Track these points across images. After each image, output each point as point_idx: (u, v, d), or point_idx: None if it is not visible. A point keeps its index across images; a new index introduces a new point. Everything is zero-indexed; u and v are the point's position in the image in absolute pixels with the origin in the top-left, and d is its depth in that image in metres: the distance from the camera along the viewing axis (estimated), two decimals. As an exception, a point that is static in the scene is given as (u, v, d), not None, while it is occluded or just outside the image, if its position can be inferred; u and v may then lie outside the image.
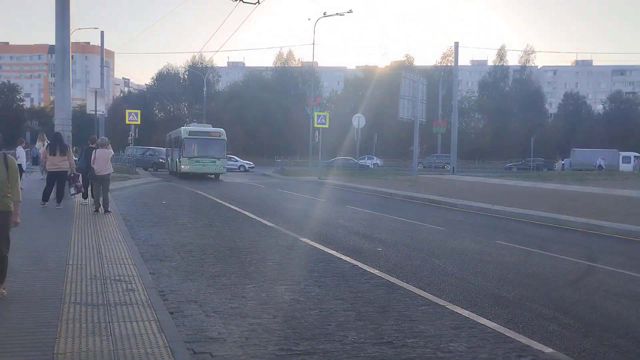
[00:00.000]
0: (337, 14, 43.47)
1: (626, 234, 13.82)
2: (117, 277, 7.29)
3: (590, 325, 6.52)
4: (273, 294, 7.20)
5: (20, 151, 19.83)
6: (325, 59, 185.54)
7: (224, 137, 35.01)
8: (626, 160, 54.82)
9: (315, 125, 38.40)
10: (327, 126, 38.17)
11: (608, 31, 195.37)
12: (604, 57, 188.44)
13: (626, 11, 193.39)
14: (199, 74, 72.56)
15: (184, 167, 33.19)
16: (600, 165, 51.68)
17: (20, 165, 19.44)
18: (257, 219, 14.73)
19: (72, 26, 17.96)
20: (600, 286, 8.44)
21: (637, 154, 55.55)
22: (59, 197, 14.68)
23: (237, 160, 50.09)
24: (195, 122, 50.68)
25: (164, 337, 5.10)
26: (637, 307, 7.35)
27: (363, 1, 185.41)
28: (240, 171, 47.60)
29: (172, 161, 39.08)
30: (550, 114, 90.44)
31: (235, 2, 19.69)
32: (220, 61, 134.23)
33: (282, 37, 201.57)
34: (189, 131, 34.74)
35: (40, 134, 24.19)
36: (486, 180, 35.95)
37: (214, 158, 33.66)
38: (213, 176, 34.46)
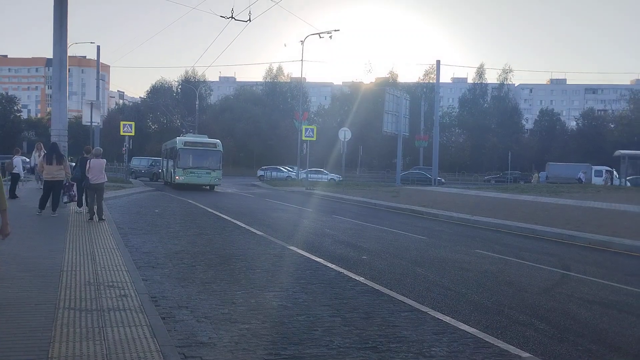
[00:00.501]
0: (326, 32, 43.66)
1: (598, 244, 13.94)
2: (111, 283, 7.22)
3: (564, 331, 6.55)
4: (262, 300, 7.17)
5: (17, 160, 19.63)
6: (314, 74, 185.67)
7: (220, 148, 33.63)
8: (598, 174, 55.46)
9: (304, 138, 38.52)
10: (314, 139, 38.27)
11: (581, 51, 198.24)
12: (578, 76, 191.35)
13: (599, 32, 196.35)
14: (191, 88, 72.40)
15: (179, 178, 32.01)
16: (580, 179, 52.14)
17: (17, 174, 19.29)
18: (247, 227, 14.68)
19: (69, 40, 17.94)
20: (573, 293, 8.49)
21: (608, 168, 56.16)
22: (55, 206, 14.58)
23: (327, 174, 50.85)
24: (191, 132, 47.67)
25: (156, 341, 5.05)
26: (609, 313, 7.40)
27: (350, 20, 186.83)
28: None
29: (166, 171, 37.78)
30: (527, 130, 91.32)
31: (228, 20, 19.71)
32: (212, 76, 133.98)
33: (272, 53, 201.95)
34: (185, 142, 33.33)
35: (37, 143, 23.50)
36: (466, 192, 36.10)
37: (209, 169, 32.39)
38: (208, 187, 33.29)
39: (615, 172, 54.70)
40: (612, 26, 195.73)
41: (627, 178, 48.03)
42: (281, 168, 54.14)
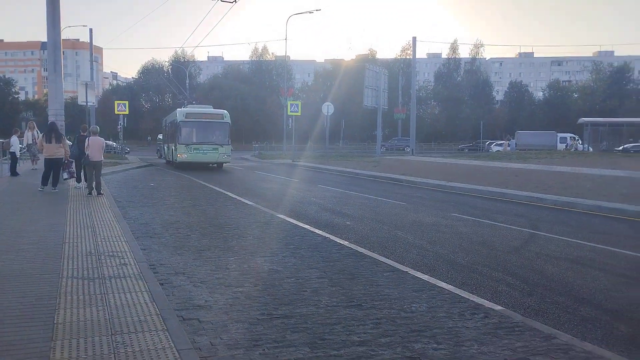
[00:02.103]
0: (307, 11, 43.14)
1: (564, 205, 14.12)
2: (111, 253, 7.18)
3: (533, 285, 6.66)
4: (253, 265, 7.19)
5: (15, 140, 19.26)
6: (297, 53, 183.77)
7: (228, 119, 27.40)
8: (563, 140, 55.93)
9: (289, 113, 38.28)
10: (299, 114, 38.01)
11: (548, 26, 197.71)
12: (544, 49, 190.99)
13: (564, 8, 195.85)
14: (181, 68, 71.39)
15: (181, 156, 26.22)
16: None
17: (14, 153, 18.96)
18: (238, 198, 14.65)
19: (63, 24, 17.53)
20: (541, 251, 8.61)
21: (572, 135, 56.62)
22: (55, 182, 14.42)
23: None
24: (194, 103, 41.42)
25: (155, 306, 5.05)
26: (574, 268, 7.53)
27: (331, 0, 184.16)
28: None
29: (167, 149, 31.79)
30: (497, 101, 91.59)
31: (214, 1, 19.35)
32: (201, 56, 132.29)
33: (257, 33, 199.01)
34: (186, 113, 27.23)
35: (29, 122, 22.14)
36: (441, 160, 36.26)
37: (216, 145, 26.64)
38: (215, 165, 27.82)
39: (578, 139, 55.28)
40: (577, 2, 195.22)
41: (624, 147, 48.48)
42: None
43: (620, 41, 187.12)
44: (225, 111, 28.30)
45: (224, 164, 27.97)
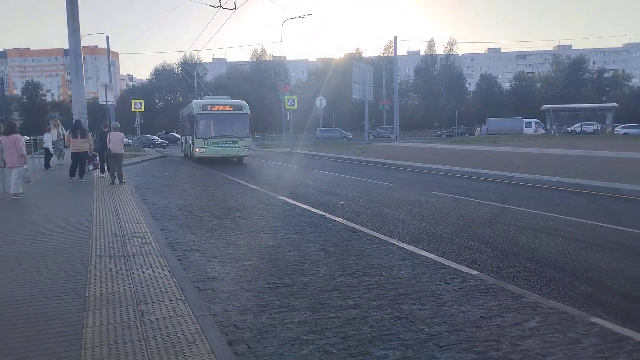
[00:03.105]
0: (300, 16, 42.68)
1: (530, 182, 14.17)
2: (134, 234, 7.18)
3: (505, 252, 6.71)
4: (259, 241, 7.20)
5: (47, 137, 19.12)
6: (292, 53, 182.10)
7: (247, 110, 23.44)
8: (528, 125, 56.01)
9: (287, 107, 37.98)
10: (295, 107, 37.75)
11: (513, 23, 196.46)
12: (510, 45, 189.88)
13: (527, 5, 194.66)
14: (189, 69, 70.68)
15: (199, 151, 22.43)
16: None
17: (47, 149, 18.85)
18: (243, 183, 14.62)
19: (82, 32, 17.31)
20: (511, 222, 8.66)
21: (537, 121, 56.66)
22: (81, 173, 14.38)
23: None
24: (210, 94, 34.83)
25: (174, 279, 5.07)
26: (540, 236, 7.58)
27: (321, 4, 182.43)
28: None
29: (185, 143, 28.12)
30: (470, 92, 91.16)
31: (216, 8, 19.12)
32: (206, 58, 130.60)
33: (256, 36, 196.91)
34: (203, 105, 23.09)
35: (54, 120, 20.62)
36: (422, 145, 36.24)
37: (236, 138, 22.78)
38: (235, 159, 24.06)
39: (541, 123, 55.47)
40: (538, 1, 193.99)
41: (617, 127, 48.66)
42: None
43: (576, 36, 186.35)
44: (244, 102, 24.15)
45: (244, 158, 24.14)
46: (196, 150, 22.38)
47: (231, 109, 23.32)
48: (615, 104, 52.53)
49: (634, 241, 7.35)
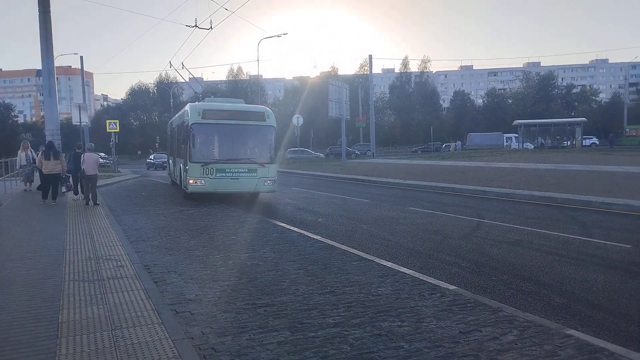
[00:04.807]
0: (276, 35, 42.98)
1: (504, 196, 14.42)
2: (108, 257, 7.03)
3: (481, 266, 6.78)
4: (238, 260, 7.12)
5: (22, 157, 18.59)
6: (268, 71, 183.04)
7: (272, 121, 14.87)
8: (508, 139, 56.99)
9: (264, 125, 37.87)
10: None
11: (483, 41, 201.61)
12: (482, 62, 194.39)
13: (496, 24, 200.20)
14: (165, 89, 70.32)
15: (195, 183, 13.96)
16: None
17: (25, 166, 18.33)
18: (219, 202, 14.48)
19: (55, 53, 17.09)
20: (487, 236, 8.77)
21: (516, 135, 57.52)
22: (54, 195, 14.06)
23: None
24: (212, 97, 20.08)
25: (150, 302, 4.97)
26: (515, 250, 7.69)
27: (297, 24, 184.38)
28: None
29: (174, 166, 19.13)
30: (444, 108, 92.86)
31: (192, 28, 19.13)
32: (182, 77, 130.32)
33: (232, 55, 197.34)
34: (203, 110, 14.38)
35: (23, 142, 18.77)
36: (398, 161, 36.59)
37: (254, 164, 14.27)
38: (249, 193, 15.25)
39: (513, 138, 56.59)
40: (507, 19, 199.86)
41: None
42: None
43: (545, 53, 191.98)
44: (266, 108, 15.35)
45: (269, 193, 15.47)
46: (190, 181, 13.83)
47: (247, 118, 14.54)
48: (584, 119, 54.16)
49: (605, 252, 7.51)
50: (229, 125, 14.30)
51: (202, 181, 13.87)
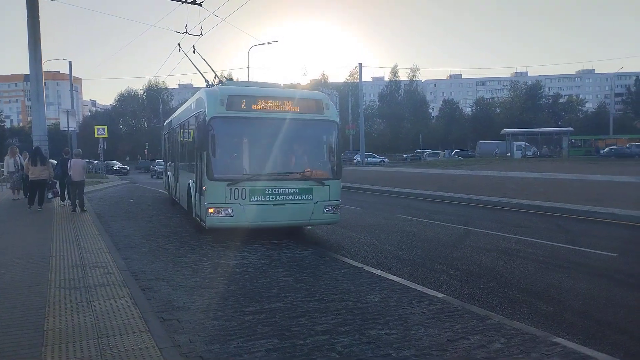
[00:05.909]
0: (266, 42, 43.09)
1: (492, 204, 14.52)
2: (95, 264, 6.96)
3: (469, 274, 6.82)
4: (226, 268, 7.08)
5: (10, 160, 18.30)
6: (259, 79, 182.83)
7: (333, 114, 9.45)
8: (519, 148, 55.75)
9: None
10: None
11: (472, 50, 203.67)
12: (470, 71, 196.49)
13: (485, 35, 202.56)
14: (155, 95, 70.03)
15: (219, 213, 8.57)
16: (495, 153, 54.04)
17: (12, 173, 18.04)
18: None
19: (44, 58, 16.92)
20: (475, 244, 8.82)
21: (526, 144, 56.92)
22: (41, 201, 13.91)
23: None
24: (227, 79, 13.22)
25: (138, 309, 4.92)
26: (502, 257, 7.74)
27: (287, 32, 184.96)
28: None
29: (179, 183, 13.15)
30: (433, 116, 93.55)
31: (182, 35, 19.09)
32: (172, 83, 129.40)
33: (222, 62, 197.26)
34: (230, 97, 8.78)
35: (11, 147, 17.83)
36: (388, 169, 36.71)
37: (308, 180, 8.91)
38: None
39: (529, 146, 56.51)
40: (496, 30, 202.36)
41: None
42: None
43: (533, 63, 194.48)
44: (324, 95, 9.90)
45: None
46: (210, 210, 8.68)
47: (296, 108, 9.22)
48: (571, 128, 54.94)
49: (590, 260, 7.60)
50: (269, 120, 8.98)
51: (229, 209, 8.61)
